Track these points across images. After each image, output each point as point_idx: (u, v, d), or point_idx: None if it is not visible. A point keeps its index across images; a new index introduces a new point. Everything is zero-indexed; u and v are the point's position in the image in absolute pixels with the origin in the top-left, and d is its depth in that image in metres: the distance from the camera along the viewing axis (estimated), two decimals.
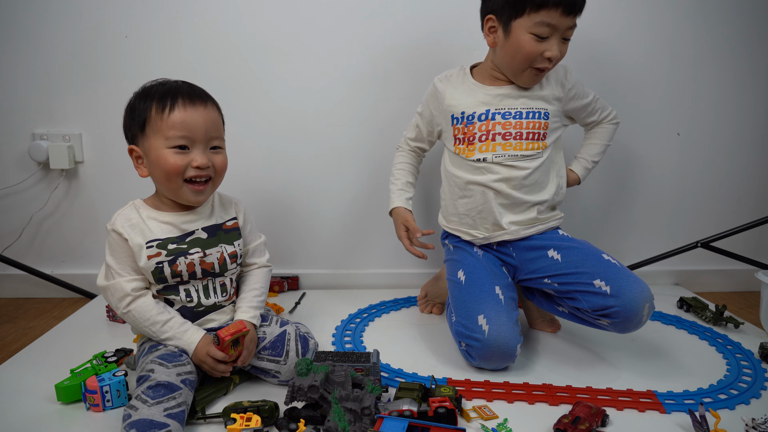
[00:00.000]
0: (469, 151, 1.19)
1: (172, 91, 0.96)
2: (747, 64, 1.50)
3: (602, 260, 1.08)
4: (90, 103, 1.46)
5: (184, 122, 0.94)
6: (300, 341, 1.03)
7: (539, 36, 1.08)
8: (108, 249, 0.97)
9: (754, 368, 1.09)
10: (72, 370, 0.99)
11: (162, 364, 0.89)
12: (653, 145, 1.55)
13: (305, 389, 0.84)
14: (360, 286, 1.57)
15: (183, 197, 0.98)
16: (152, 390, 0.83)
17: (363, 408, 0.83)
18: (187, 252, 0.98)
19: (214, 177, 1.00)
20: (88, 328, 1.29)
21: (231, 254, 1.03)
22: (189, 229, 1.00)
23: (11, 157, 1.49)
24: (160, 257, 0.96)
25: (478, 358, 1.05)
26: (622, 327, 1.04)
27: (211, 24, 1.42)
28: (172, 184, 0.96)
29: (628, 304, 1.01)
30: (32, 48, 1.42)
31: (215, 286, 1.03)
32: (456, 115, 1.20)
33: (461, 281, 1.15)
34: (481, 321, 1.04)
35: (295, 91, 1.47)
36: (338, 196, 1.54)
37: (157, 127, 0.94)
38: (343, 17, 1.43)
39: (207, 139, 0.97)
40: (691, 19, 1.47)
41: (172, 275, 0.97)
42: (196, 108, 0.95)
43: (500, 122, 1.17)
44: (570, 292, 1.08)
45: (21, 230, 1.51)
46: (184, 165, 0.95)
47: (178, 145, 0.94)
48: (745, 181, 1.59)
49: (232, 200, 1.11)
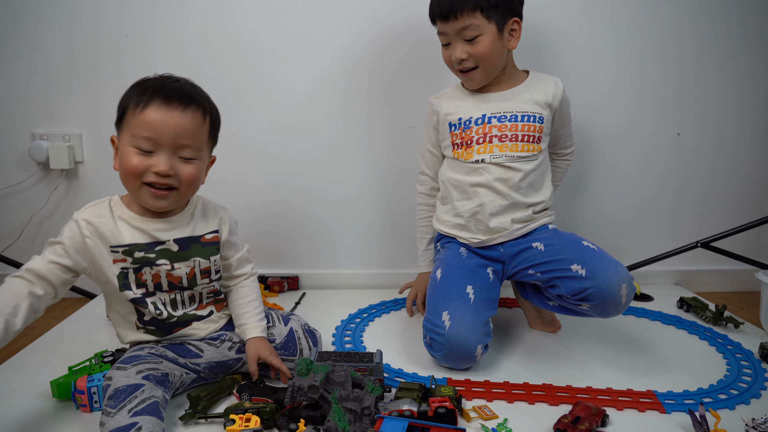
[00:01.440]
0: (467, 154, 1.21)
1: (157, 89, 0.89)
2: (747, 64, 1.50)
3: (581, 246, 1.10)
4: (90, 103, 1.46)
5: (152, 123, 0.87)
6: (308, 336, 1.06)
7: (442, 44, 1.21)
8: (62, 231, 0.92)
9: (754, 368, 1.09)
10: (70, 368, 1.00)
11: (119, 368, 0.86)
12: (653, 145, 1.55)
13: (305, 389, 0.84)
14: (360, 286, 1.57)
15: (142, 200, 0.91)
16: (112, 399, 0.80)
17: (363, 408, 0.82)
18: (153, 262, 0.92)
19: (179, 187, 0.91)
20: (88, 328, 1.29)
21: (204, 269, 0.98)
22: (160, 238, 0.93)
23: (11, 157, 1.49)
24: (125, 263, 0.91)
25: (438, 352, 1.07)
26: (602, 309, 1.04)
27: (211, 24, 1.42)
28: (130, 183, 0.90)
29: (602, 285, 1.02)
30: (32, 48, 1.42)
31: (183, 299, 0.98)
32: (453, 122, 1.23)
33: (437, 278, 1.17)
34: (444, 317, 1.07)
35: (296, 90, 1.47)
36: (338, 196, 1.54)
37: (128, 123, 0.89)
38: (344, 17, 1.43)
39: (175, 146, 0.89)
40: (691, 19, 1.47)
41: (137, 284, 0.93)
42: (170, 111, 0.88)
43: (496, 125, 1.19)
44: (551, 280, 1.10)
45: (21, 230, 1.51)
46: (143, 168, 0.88)
47: (139, 146, 0.88)
48: (745, 181, 1.59)
49: (217, 210, 1.03)
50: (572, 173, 1.54)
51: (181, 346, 0.98)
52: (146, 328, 0.97)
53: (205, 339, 1.00)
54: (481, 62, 1.17)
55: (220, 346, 1.01)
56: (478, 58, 1.16)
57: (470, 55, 1.16)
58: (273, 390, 0.94)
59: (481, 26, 1.14)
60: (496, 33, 1.15)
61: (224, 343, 1.01)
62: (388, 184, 1.54)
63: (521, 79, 1.24)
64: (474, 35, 1.14)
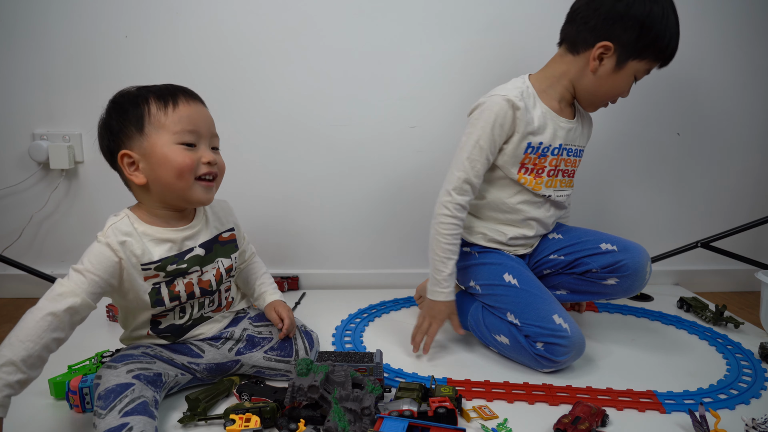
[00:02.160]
0: (536, 184, 1.15)
1: (170, 89, 0.90)
2: (747, 64, 1.50)
3: (599, 231, 1.20)
4: (90, 103, 1.46)
5: (190, 117, 0.88)
6: (305, 337, 1.05)
7: (636, 79, 1.12)
8: (86, 254, 0.86)
9: (754, 368, 1.09)
10: (70, 366, 1.00)
11: (110, 367, 0.85)
12: (653, 145, 1.55)
13: (305, 389, 0.84)
14: (360, 286, 1.57)
15: (194, 197, 0.90)
16: (102, 399, 0.79)
17: (363, 408, 0.83)
18: (186, 272, 0.92)
19: (218, 176, 0.94)
20: (88, 328, 1.27)
21: (227, 268, 0.99)
22: (188, 246, 0.93)
23: (11, 157, 1.49)
24: (157, 278, 0.90)
25: (562, 356, 1.03)
26: (629, 283, 1.11)
27: (211, 24, 1.42)
28: (182, 182, 0.88)
29: (635, 258, 1.10)
30: (32, 48, 1.42)
31: (211, 301, 1.00)
32: (533, 144, 1.11)
33: (514, 285, 1.11)
34: (558, 320, 1.04)
35: (296, 90, 1.46)
36: (338, 196, 1.54)
37: (160, 123, 0.86)
38: (344, 17, 1.43)
39: (209, 136, 0.92)
40: (691, 19, 1.46)
41: (170, 297, 0.92)
42: (197, 104, 0.91)
43: (566, 159, 1.17)
44: (578, 260, 1.16)
45: (21, 230, 1.51)
46: (194, 161, 0.88)
47: (185, 141, 0.88)
48: (745, 181, 1.59)
49: (223, 207, 1.04)
50: None
51: (183, 346, 0.98)
52: (160, 335, 0.97)
53: (207, 339, 1.00)
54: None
55: (221, 348, 1.01)
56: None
57: None
58: (273, 390, 0.94)
59: None
60: None
61: (226, 343, 1.01)
62: (388, 184, 1.54)
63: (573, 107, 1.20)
64: None
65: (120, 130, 0.88)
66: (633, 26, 1.03)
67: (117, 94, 0.92)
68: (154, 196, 0.91)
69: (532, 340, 1.06)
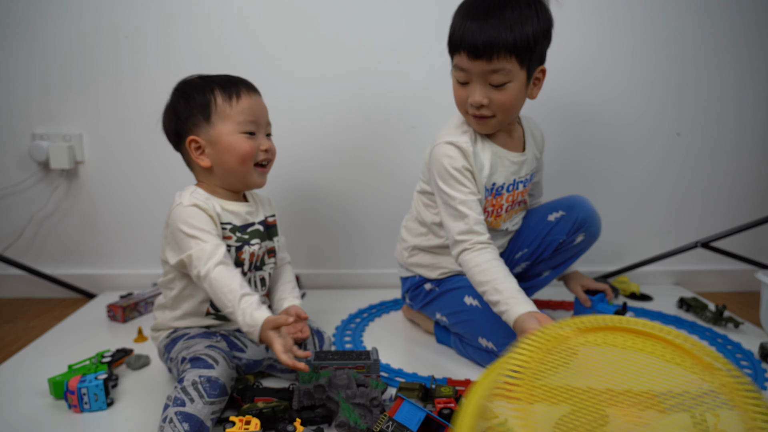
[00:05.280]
0: (495, 222, 1.15)
1: (232, 81, 0.98)
2: (747, 64, 1.50)
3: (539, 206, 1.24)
4: (90, 103, 1.46)
5: (252, 108, 0.97)
6: (315, 335, 1.06)
7: (458, 80, 1.02)
8: (183, 223, 0.91)
9: (754, 368, 1.09)
10: (70, 366, 1.00)
11: (226, 359, 0.88)
12: (653, 145, 1.55)
13: (311, 390, 0.85)
14: (360, 286, 1.57)
15: (252, 181, 1.00)
16: (210, 385, 0.81)
17: (371, 399, 0.83)
18: (249, 242, 0.99)
19: (271, 161, 1.03)
20: (88, 328, 1.29)
21: (270, 249, 1.06)
22: (250, 220, 1.02)
23: (11, 157, 1.49)
24: (231, 240, 0.97)
25: None
26: (594, 230, 1.19)
27: (212, 24, 1.42)
28: (244, 167, 0.98)
29: (584, 207, 1.17)
30: (32, 48, 1.42)
31: (256, 281, 1.04)
32: (488, 187, 1.09)
33: (476, 306, 1.08)
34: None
35: (296, 90, 1.47)
36: (338, 196, 1.54)
37: (226, 114, 0.96)
38: (344, 17, 1.43)
39: (266, 125, 1.02)
40: (691, 19, 1.47)
41: (236, 263, 0.97)
42: (256, 95, 1.01)
43: (521, 191, 1.16)
44: (542, 242, 1.19)
45: (21, 230, 1.51)
46: (255, 149, 0.98)
47: (247, 131, 0.97)
48: (745, 181, 1.59)
49: (267, 197, 1.12)
50: (572, 173, 1.54)
51: (229, 338, 1.00)
52: (216, 314, 1.00)
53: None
54: (500, 112, 1.01)
55: (260, 344, 1.00)
56: (499, 108, 1.01)
57: (491, 102, 1.00)
58: (275, 390, 0.94)
59: (512, 72, 0.97)
60: (525, 81, 1.00)
61: None
62: (388, 184, 1.53)
63: (519, 126, 1.16)
64: (503, 81, 0.98)
65: (188, 117, 0.97)
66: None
67: (181, 82, 1.00)
68: (215, 179, 1.00)
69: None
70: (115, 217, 1.52)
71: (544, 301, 1.44)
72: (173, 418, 0.76)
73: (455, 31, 0.99)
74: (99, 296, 1.51)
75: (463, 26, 0.97)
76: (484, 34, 0.94)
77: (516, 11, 0.95)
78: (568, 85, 1.46)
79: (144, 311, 1.38)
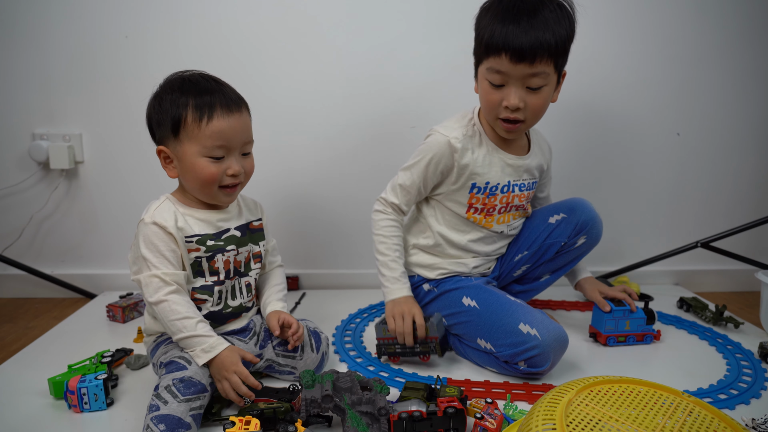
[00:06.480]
0: (486, 222, 1.15)
1: (209, 97, 0.92)
2: (747, 64, 1.50)
3: (540, 208, 1.24)
4: (90, 103, 1.46)
5: (222, 132, 0.92)
6: (312, 336, 1.05)
7: (491, 83, 1.01)
8: (143, 242, 0.92)
9: (754, 368, 1.09)
10: (70, 366, 1.00)
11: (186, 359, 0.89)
12: (653, 145, 1.55)
13: (319, 400, 0.83)
14: (360, 286, 1.57)
15: (218, 200, 0.98)
16: (183, 385, 0.82)
17: (379, 409, 0.82)
18: (224, 249, 0.98)
19: (244, 180, 0.99)
20: (88, 328, 1.29)
21: (255, 254, 1.05)
22: (224, 227, 1.00)
23: (11, 157, 1.49)
24: (199, 252, 0.95)
25: (543, 365, 1.00)
26: (595, 232, 1.18)
27: (212, 24, 1.42)
28: (207, 190, 0.95)
29: (585, 209, 1.17)
30: (32, 48, 1.42)
31: (241, 287, 1.03)
32: (479, 185, 1.11)
33: (474, 307, 1.08)
34: (525, 329, 1.00)
35: (296, 90, 1.47)
36: (338, 196, 1.54)
37: (193, 135, 0.91)
38: (345, 17, 1.43)
39: (241, 146, 0.96)
40: (691, 19, 1.47)
41: (210, 272, 0.97)
42: (233, 116, 0.93)
43: (518, 194, 1.16)
44: (542, 245, 1.19)
45: (21, 230, 1.51)
46: (219, 174, 0.94)
47: (213, 156, 0.93)
48: (745, 181, 1.59)
49: (254, 201, 1.11)
50: (572, 174, 1.54)
51: None
52: None
53: (234, 333, 1.01)
54: (531, 116, 1.02)
55: (248, 342, 1.02)
56: (531, 111, 1.01)
57: (525, 105, 1.00)
58: (275, 390, 0.94)
59: (549, 75, 0.98)
60: (555, 84, 1.02)
61: (252, 338, 1.03)
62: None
63: (527, 136, 1.18)
64: (540, 84, 0.98)
65: (159, 125, 0.95)
66: (475, 38, 1.04)
67: (165, 81, 0.95)
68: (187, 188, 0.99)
69: (512, 364, 1.02)
70: (115, 217, 1.52)
71: (544, 301, 1.45)
72: (149, 424, 0.78)
73: (494, 34, 0.96)
74: (99, 296, 1.51)
75: (504, 29, 0.95)
76: (528, 36, 0.94)
77: (552, 13, 0.96)
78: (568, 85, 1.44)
79: (144, 311, 1.38)
